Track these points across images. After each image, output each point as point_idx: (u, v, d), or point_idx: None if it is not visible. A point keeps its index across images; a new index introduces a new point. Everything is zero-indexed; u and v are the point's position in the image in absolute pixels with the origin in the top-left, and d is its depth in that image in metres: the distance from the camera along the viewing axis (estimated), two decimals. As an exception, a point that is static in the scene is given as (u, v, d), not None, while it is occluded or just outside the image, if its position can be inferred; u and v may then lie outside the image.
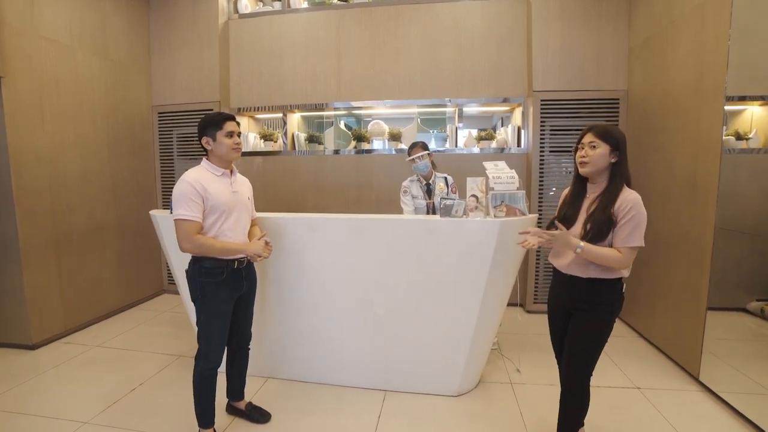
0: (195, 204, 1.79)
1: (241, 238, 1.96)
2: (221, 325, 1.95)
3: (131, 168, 4.09)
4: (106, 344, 3.22)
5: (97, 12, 3.67)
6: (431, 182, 2.96)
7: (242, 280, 1.99)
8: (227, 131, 1.89)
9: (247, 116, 4.60)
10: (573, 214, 1.71)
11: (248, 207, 2.05)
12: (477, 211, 2.16)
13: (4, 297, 3.10)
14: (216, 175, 1.90)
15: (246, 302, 2.10)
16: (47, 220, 3.21)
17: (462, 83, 3.91)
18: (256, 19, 4.26)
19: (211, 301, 1.90)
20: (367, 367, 2.51)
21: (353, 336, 2.47)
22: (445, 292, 2.26)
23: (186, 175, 1.84)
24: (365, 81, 4.08)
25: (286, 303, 2.50)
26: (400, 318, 2.36)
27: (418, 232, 2.22)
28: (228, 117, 1.92)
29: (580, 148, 1.69)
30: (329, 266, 2.39)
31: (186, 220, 1.77)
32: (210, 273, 1.88)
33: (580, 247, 1.57)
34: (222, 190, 1.88)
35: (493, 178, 2.14)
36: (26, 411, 2.34)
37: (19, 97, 3.00)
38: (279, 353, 2.62)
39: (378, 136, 4.25)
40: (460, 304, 2.26)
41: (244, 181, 2.10)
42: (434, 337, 2.36)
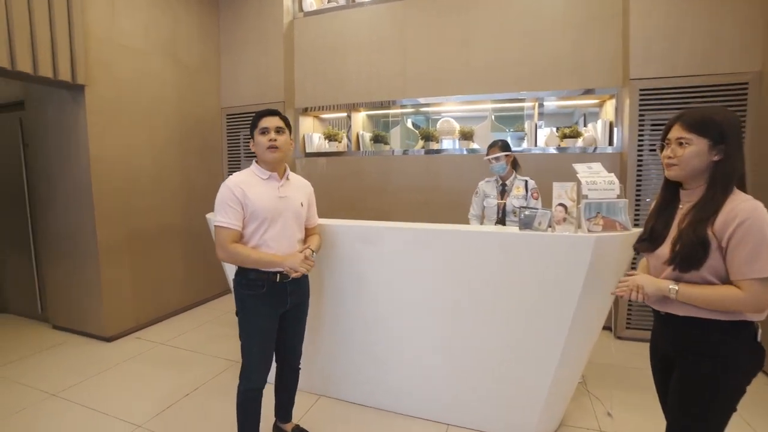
0: (232, 210, 1.65)
1: (285, 249, 1.75)
2: (262, 343, 1.77)
3: (200, 169, 4.19)
4: (170, 342, 3.27)
5: (170, 18, 3.79)
6: (508, 182, 2.73)
7: (286, 295, 1.78)
8: (261, 128, 1.72)
9: (312, 116, 4.54)
10: (661, 231, 1.29)
11: (300, 214, 1.82)
12: (565, 224, 1.77)
13: (85, 291, 3.28)
14: (261, 178, 1.74)
15: (294, 319, 1.90)
16: (121, 221, 3.35)
17: (541, 75, 3.46)
18: (320, 16, 4.16)
19: (251, 315, 1.75)
20: (429, 396, 2.21)
21: (414, 361, 2.19)
22: (523, 317, 1.90)
23: (229, 178, 1.71)
24: (433, 76, 3.78)
25: (340, 318, 2.30)
26: (469, 344, 2.04)
27: (491, 247, 1.89)
28: (266, 113, 1.76)
29: (666, 144, 1.26)
30: (386, 281, 2.14)
31: (222, 227, 1.65)
32: (251, 285, 1.72)
33: (673, 291, 1.17)
34: (265, 195, 1.70)
35: (586, 184, 1.73)
36: (90, 405, 2.40)
37: (100, 103, 3.14)
38: (333, 371, 2.42)
39: (447, 135, 3.94)
40: (541, 332, 1.88)
41: (300, 186, 1.89)
42: (509, 368, 2.00)
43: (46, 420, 2.26)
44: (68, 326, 3.47)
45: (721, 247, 1.13)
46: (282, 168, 1.81)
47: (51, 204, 3.37)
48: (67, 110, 3.11)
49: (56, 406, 2.39)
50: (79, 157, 3.11)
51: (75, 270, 3.31)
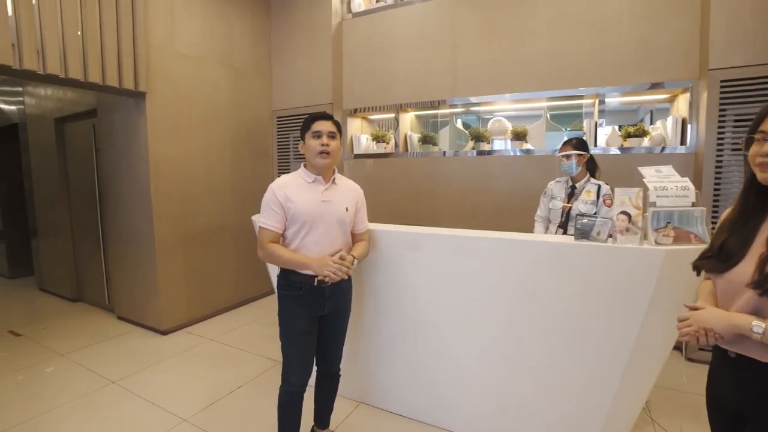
0: (273, 213, 1.67)
1: (326, 253, 1.71)
2: (299, 345, 1.75)
3: (251, 171, 4.32)
4: (218, 339, 3.39)
5: (225, 26, 3.93)
6: (578, 185, 2.54)
7: (324, 300, 1.74)
8: (314, 131, 1.69)
9: (360, 117, 4.54)
10: (739, 247, 1.03)
11: (344, 219, 1.76)
12: (629, 234, 1.57)
13: (144, 286, 3.49)
14: (307, 181, 1.72)
15: (333, 324, 1.85)
16: (176, 220, 3.52)
17: (603, 69, 3.18)
18: (368, 16, 4.14)
19: (288, 317, 1.74)
20: (473, 412, 2.08)
21: (459, 374, 2.07)
22: (579, 335, 1.72)
23: (275, 181, 1.73)
24: (484, 74, 3.62)
25: (382, 325, 2.23)
26: (519, 360, 1.89)
27: (541, 258, 1.73)
28: (319, 116, 1.73)
29: (757, 140, 1.00)
30: (430, 290, 2.04)
31: (263, 228, 1.69)
32: (290, 286, 1.72)
33: (759, 332, 0.92)
34: (308, 198, 1.69)
35: (654, 189, 1.53)
36: (143, 395, 2.53)
37: (159, 109, 3.32)
38: (373, 378, 2.36)
39: (499, 135, 3.75)
40: (600, 353, 1.69)
41: (348, 189, 1.84)
42: (562, 388, 1.83)
43: (105, 406, 2.42)
44: (130, 318, 3.72)
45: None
46: (329, 172, 1.76)
47: (117, 204, 3.63)
48: (131, 116, 3.33)
49: (114, 394, 2.55)
50: (140, 160, 3.31)
51: (136, 266, 3.53)
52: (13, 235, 5.44)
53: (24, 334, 3.51)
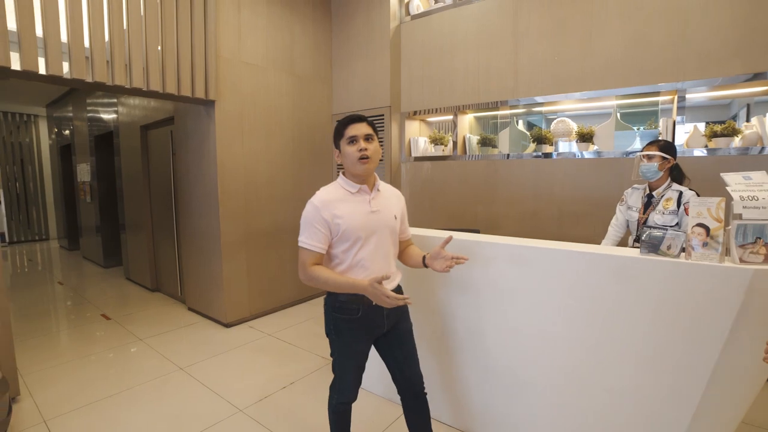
0: (317, 232, 1.52)
1: (381, 267, 1.59)
2: (357, 365, 1.67)
3: (310, 173, 4.47)
4: (276, 335, 3.55)
5: (288, 35, 4.11)
6: (656, 193, 2.29)
7: (383, 318, 1.62)
8: (348, 137, 1.54)
9: (418, 120, 4.52)
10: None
11: (394, 229, 1.64)
12: (707, 249, 1.39)
13: (210, 280, 3.76)
14: (350, 192, 1.57)
15: (397, 341, 1.69)
16: (240, 220, 3.74)
17: (685, 60, 2.86)
18: (427, 18, 4.10)
19: (344, 339, 1.63)
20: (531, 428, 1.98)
21: (514, 392, 1.97)
22: (643, 361, 1.55)
23: (315, 195, 1.57)
24: (547, 72, 3.42)
25: (442, 339, 2.19)
26: (572, 382, 1.76)
27: (599, 272, 1.59)
28: (352, 119, 1.57)
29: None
30: (485, 303, 1.96)
31: (305, 249, 1.53)
32: (344, 309, 1.59)
33: None
34: (356, 211, 1.54)
35: (741, 200, 1.34)
36: (205, 382, 2.72)
37: (226, 116, 3.56)
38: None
39: (563, 136, 3.52)
40: (668, 383, 1.51)
41: (391, 195, 1.71)
42: (628, 418, 1.66)
43: (172, 390, 2.63)
44: (198, 309, 4.02)
45: None
46: (372, 178, 1.63)
47: (188, 203, 3.94)
48: (202, 122, 3.60)
49: (181, 379, 2.77)
50: (209, 164, 3.57)
51: (204, 261, 3.81)
52: (107, 229, 6.15)
53: (112, 318, 3.95)
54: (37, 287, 5.18)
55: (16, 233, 8.67)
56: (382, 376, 2.13)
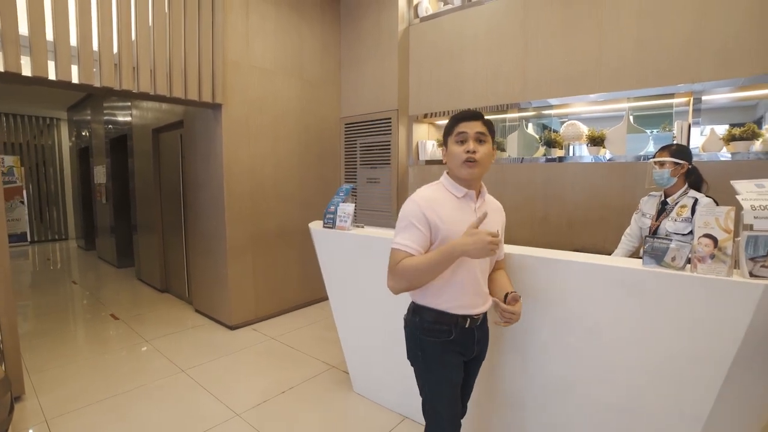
0: (417, 232, 1.32)
1: (476, 287, 1.40)
2: (452, 397, 1.41)
3: (318, 176, 4.47)
4: (279, 338, 3.54)
5: (296, 39, 4.12)
6: (670, 200, 2.22)
7: (473, 343, 1.44)
8: (457, 134, 1.37)
9: (426, 123, 4.47)
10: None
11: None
12: (713, 263, 1.31)
13: (216, 282, 3.78)
14: (456, 196, 1.39)
15: (473, 369, 1.54)
16: (247, 222, 3.76)
17: (701, 60, 2.74)
18: (435, 20, 4.05)
19: (436, 366, 1.40)
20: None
21: (506, 410, 1.91)
22: (648, 375, 1.48)
23: (418, 192, 1.40)
24: (557, 74, 3.34)
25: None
26: (572, 398, 1.68)
27: (596, 284, 1.51)
28: (465, 116, 1.38)
29: None
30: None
31: (398, 250, 1.32)
32: (435, 331, 1.39)
33: None
34: (461, 219, 1.34)
35: (752, 209, 1.26)
36: (205, 385, 2.73)
37: (233, 119, 3.58)
38: None
39: (573, 140, 3.42)
40: (671, 403, 1.43)
41: (495, 207, 1.51)
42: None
43: (173, 393, 2.64)
44: (205, 311, 4.05)
45: None
46: (479, 185, 1.44)
47: (196, 205, 3.98)
48: (209, 126, 3.63)
49: (183, 382, 2.78)
50: (216, 166, 3.59)
51: (210, 264, 3.83)
52: (121, 230, 6.27)
53: (121, 319, 4.00)
54: (52, 286, 5.31)
55: (37, 233, 8.94)
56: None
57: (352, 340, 2.61)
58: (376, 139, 4.44)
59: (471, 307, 1.38)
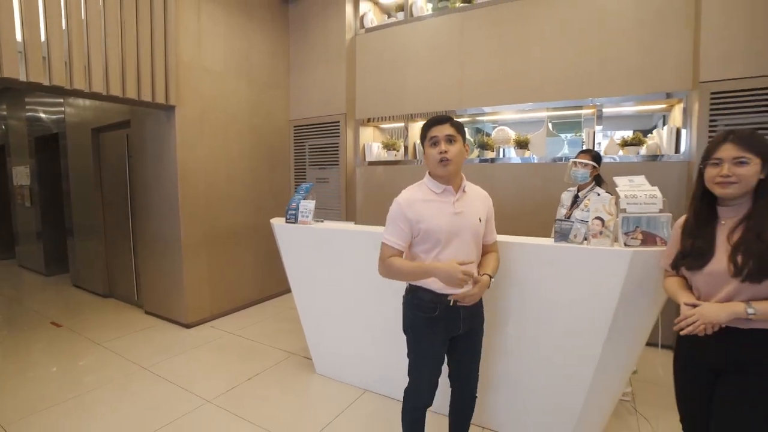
0: (399, 230, 1.58)
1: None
2: (432, 367, 1.68)
3: (269, 177, 4.61)
4: (238, 333, 3.67)
5: (246, 42, 4.24)
6: (581, 194, 2.68)
7: (459, 321, 1.63)
8: (430, 138, 1.58)
9: (372, 126, 4.78)
10: (707, 247, 1.28)
11: (478, 231, 1.63)
12: (602, 237, 1.76)
13: (170, 282, 3.80)
14: (435, 192, 1.60)
15: (468, 345, 1.72)
16: (201, 222, 3.82)
17: (603, 80, 3.34)
18: (381, 31, 4.38)
19: (421, 337, 1.66)
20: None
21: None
22: (559, 326, 1.91)
23: (401, 195, 1.64)
24: (490, 86, 3.81)
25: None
26: (504, 353, 2.08)
27: (523, 258, 1.92)
28: (434, 121, 1.59)
29: (713, 164, 1.27)
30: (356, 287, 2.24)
31: (386, 244, 1.61)
32: (423, 307, 1.62)
33: (751, 312, 1.17)
34: (440, 213, 1.56)
35: (625, 198, 1.72)
36: (171, 379, 2.81)
37: (186, 120, 3.63)
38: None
39: (503, 143, 3.93)
40: (576, 345, 1.88)
41: (477, 196, 1.71)
42: (546, 376, 2.01)
43: (137, 388, 2.70)
44: (157, 312, 4.03)
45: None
46: (457, 180, 1.64)
47: (147, 207, 3.95)
48: (162, 127, 3.65)
49: (146, 377, 2.84)
50: (169, 167, 3.62)
51: (164, 265, 3.84)
52: (50, 235, 5.87)
53: (64, 325, 3.85)
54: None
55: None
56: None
57: (315, 326, 2.84)
58: (325, 141, 4.67)
59: (454, 288, 1.56)
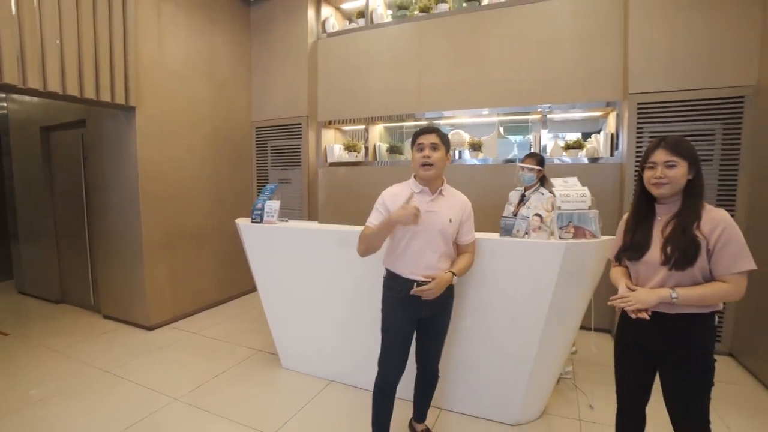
0: (378, 214, 1.85)
1: (428, 262, 1.80)
2: (399, 342, 1.88)
3: (231, 177, 4.62)
4: (202, 333, 3.68)
5: (208, 44, 4.24)
6: (527, 194, 2.89)
7: (421, 304, 1.82)
8: (417, 144, 1.83)
9: (333, 128, 4.90)
10: (645, 240, 1.48)
11: (446, 231, 1.82)
12: (540, 232, 2.00)
13: (131, 285, 3.74)
14: (414, 191, 1.84)
15: (431, 328, 1.93)
16: (164, 223, 3.80)
17: (548, 88, 3.65)
18: (342, 37, 4.51)
19: (390, 314, 1.90)
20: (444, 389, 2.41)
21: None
22: (504, 312, 2.14)
23: (388, 189, 1.91)
24: (446, 91, 4.05)
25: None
26: (460, 336, 2.28)
27: (484, 251, 2.12)
28: (423, 130, 1.84)
29: (649, 167, 1.47)
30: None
31: (366, 226, 1.85)
32: (393, 287, 1.88)
33: (675, 297, 1.35)
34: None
35: (560, 196, 1.96)
36: (136, 380, 2.81)
37: (148, 121, 3.60)
38: None
39: (458, 146, 4.18)
40: (520, 327, 2.11)
41: (454, 202, 1.90)
42: (493, 358, 2.24)
43: (101, 390, 2.69)
44: (116, 316, 3.95)
45: (708, 249, 1.35)
46: (436, 183, 1.86)
47: (105, 208, 3.86)
48: (121, 128, 3.59)
49: (109, 380, 2.82)
50: (130, 168, 3.58)
51: (124, 267, 3.78)
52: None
53: (12, 334, 3.69)
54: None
55: None
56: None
57: (281, 321, 2.94)
58: (288, 143, 4.75)
59: (418, 275, 1.80)
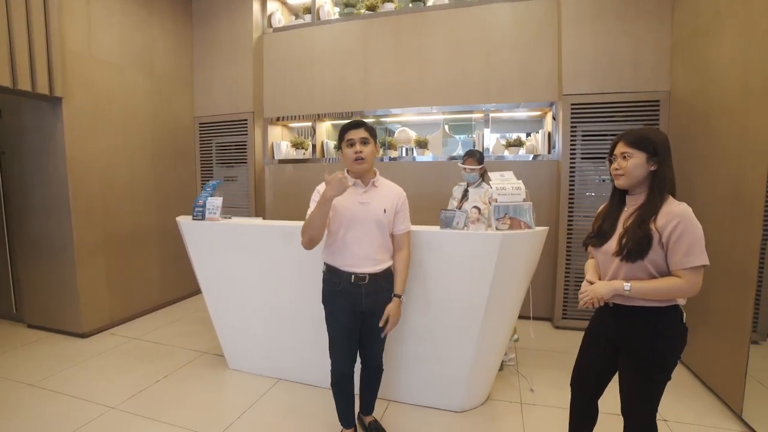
0: (314, 203, 1.84)
1: (365, 252, 1.84)
2: (343, 336, 1.91)
3: (173, 175, 4.41)
4: (143, 338, 3.49)
5: (145, 33, 4.02)
6: (470, 189, 2.97)
7: (362, 297, 1.86)
8: (347, 140, 1.84)
9: (280, 125, 4.81)
10: (610, 229, 1.53)
11: (381, 221, 1.85)
12: (479, 224, 2.09)
13: (60, 290, 3.47)
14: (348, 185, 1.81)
15: (371, 320, 1.92)
16: (98, 223, 3.56)
17: (490, 89, 3.81)
18: (288, 32, 4.44)
19: (330, 308, 1.92)
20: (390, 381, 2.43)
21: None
22: (446, 304, 2.21)
23: (322, 183, 1.86)
24: (392, 89, 4.10)
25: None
26: (402, 327, 2.33)
27: (414, 244, 2.18)
28: (351, 126, 1.86)
29: (612, 159, 1.52)
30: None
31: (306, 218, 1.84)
32: (331, 282, 1.90)
33: (627, 289, 1.39)
34: (347, 200, 1.83)
35: (496, 189, 2.06)
36: (66, 392, 2.61)
37: (76, 113, 3.35)
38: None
39: (404, 143, 4.25)
40: (461, 318, 2.19)
41: (387, 193, 1.93)
42: (436, 349, 2.31)
43: (28, 406, 2.47)
44: (43, 324, 3.64)
45: (662, 243, 1.36)
46: (368, 175, 1.91)
47: (27, 208, 3.55)
48: (45, 120, 3.31)
49: (35, 394, 2.60)
50: (56, 164, 3.31)
51: (51, 271, 3.49)
52: None
53: None
54: None
55: None
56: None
57: (227, 322, 2.86)
58: (233, 139, 4.60)
59: (356, 267, 1.84)
